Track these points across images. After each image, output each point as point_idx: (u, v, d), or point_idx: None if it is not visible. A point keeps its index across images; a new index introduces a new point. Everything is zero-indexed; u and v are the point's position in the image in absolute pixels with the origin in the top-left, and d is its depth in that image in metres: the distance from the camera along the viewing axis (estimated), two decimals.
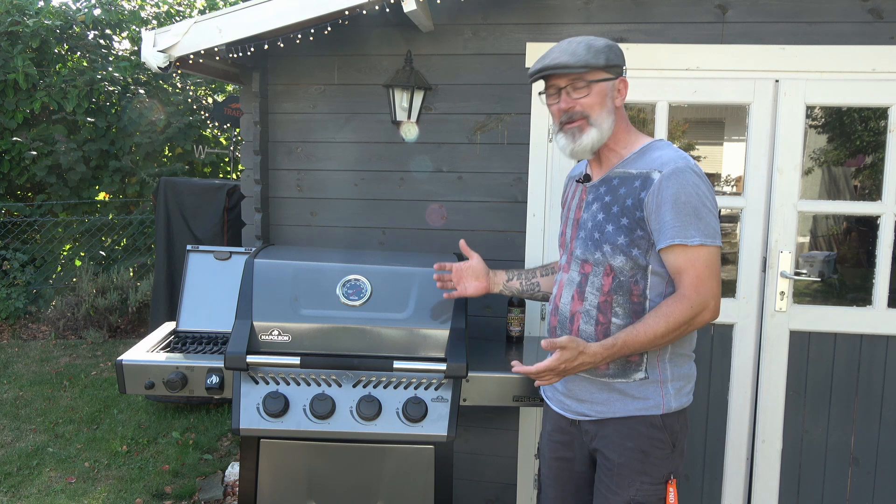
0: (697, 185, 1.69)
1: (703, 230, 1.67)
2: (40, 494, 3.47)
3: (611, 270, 1.77)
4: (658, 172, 1.70)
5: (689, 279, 1.68)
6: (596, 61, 1.72)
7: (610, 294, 1.77)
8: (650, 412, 1.77)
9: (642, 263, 1.74)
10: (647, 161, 1.75)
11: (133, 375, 2.29)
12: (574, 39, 1.77)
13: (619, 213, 1.75)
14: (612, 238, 1.75)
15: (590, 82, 1.74)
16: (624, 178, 1.77)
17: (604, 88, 1.76)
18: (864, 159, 3.13)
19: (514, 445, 3.01)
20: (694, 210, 1.67)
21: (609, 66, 1.75)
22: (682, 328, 1.69)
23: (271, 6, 2.49)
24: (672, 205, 1.67)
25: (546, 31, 2.81)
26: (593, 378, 1.82)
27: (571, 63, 1.72)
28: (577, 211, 1.90)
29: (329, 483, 2.30)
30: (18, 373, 5.41)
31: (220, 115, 7.25)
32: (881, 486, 2.84)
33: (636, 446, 1.78)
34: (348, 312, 2.23)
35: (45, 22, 6.93)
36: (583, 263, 1.83)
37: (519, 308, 2.75)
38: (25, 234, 7.10)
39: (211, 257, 2.74)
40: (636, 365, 1.78)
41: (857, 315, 2.78)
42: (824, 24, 2.67)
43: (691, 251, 1.67)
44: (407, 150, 2.95)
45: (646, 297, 1.76)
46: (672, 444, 1.79)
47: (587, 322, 1.80)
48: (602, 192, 1.82)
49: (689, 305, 1.67)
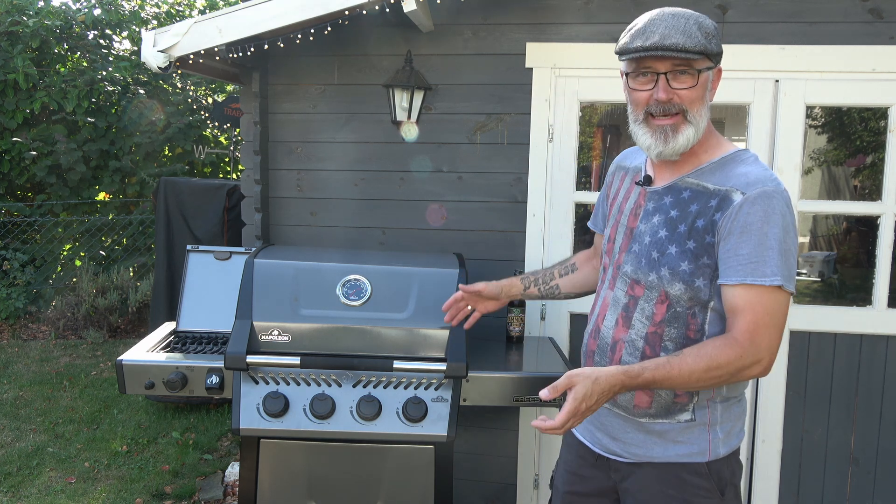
0: (785, 217, 1.41)
1: (782, 270, 1.40)
2: (40, 494, 3.47)
3: (666, 298, 1.51)
4: (741, 194, 1.43)
5: (745, 323, 1.40)
6: (710, 46, 1.43)
7: (662, 325, 1.52)
8: (694, 459, 1.54)
9: (704, 298, 1.49)
10: (728, 176, 1.48)
11: (133, 375, 2.29)
12: (677, 13, 1.44)
13: (686, 235, 1.48)
14: (674, 262, 1.49)
15: (698, 71, 1.45)
16: (697, 193, 1.50)
17: (706, 79, 1.47)
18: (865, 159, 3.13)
19: (514, 445, 3.01)
20: (777, 245, 1.40)
21: (719, 53, 1.48)
22: (723, 377, 1.41)
23: (271, 6, 2.49)
24: (752, 235, 1.40)
25: (546, 31, 2.81)
26: (629, 417, 1.59)
27: (689, 46, 1.40)
28: (631, 218, 1.62)
29: (329, 483, 2.30)
30: (18, 373, 5.41)
31: (220, 115, 7.25)
32: (881, 486, 2.84)
33: (678, 494, 1.54)
34: (348, 312, 2.23)
35: (45, 22, 6.94)
36: (633, 283, 1.57)
37: (519, 308, 2.75)
38: (25, 234, 7.10)
39: (211, 257, 2.74)
40: (683, 406, 1.54)
41: (857, 315, 2.78)
42: (824, 24, 2.67)
43: (759, 292, 1.40)
44: (407, 150, 2.95)
45: (704, 332, 1.51)
46: (721, 492, 1.54)
47: (631, 353, 1.55)
48: (667, 203, 1.54)
49: (739, 354, 1.39)
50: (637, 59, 1.46)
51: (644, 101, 1.49)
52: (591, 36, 2.78)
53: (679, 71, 1.45)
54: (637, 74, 1.49)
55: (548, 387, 1.38)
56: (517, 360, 2.58)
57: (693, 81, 1.45)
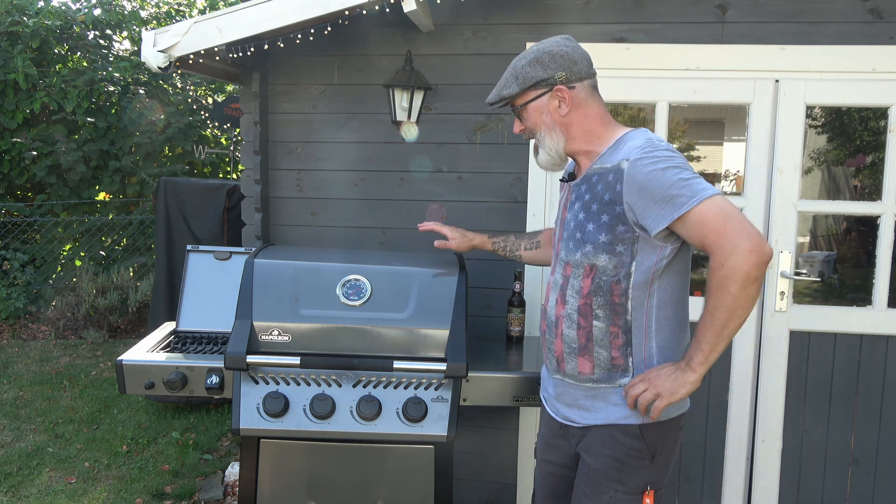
0: (668, 158, 1.59)
1: (690, 190, 1.54)
2: (40, 494, 3.47)
3: (591, 271, 1.70)
4: (626, 161, 1.62)
5: (708, 238, 1.53)
6: (525, 83, 1.73)
7: (589, 297, 1.71)
8: (628, 420, 1.70)
9: (627, 261, 1.65)
10: (619, 153, 1.68)
11: (133, 375, 2.29)
12: (511, 64, 1.77)
13: (599, 211, 1.68)
14: (594, 237, 1.68)
15: (520, 107, 1.77)
16: (600, 175, 1.70)
17: (538, 106, 1.75)
18: (865, 159, 3.13)
19: (514, 445, 3.01)
20: (674, 181, 1.55)
21: (534, 85, 1.73)
22: (729, 286, 1.50)
23: (271, 6, 2.49)
24: (653, 182, 1.57)
25: (546, 31, 2.81)
26: (577, 384, 1.77)
27: (492, 100, 1.80)
28: (563, 211, 1.85)
29: (329, 483, 2.30)
30: (18, 373, 5.41)
31: (220, 115, 7.25)
32: (881, 486, 2.84)
33: (612, 454, 1.72)
34: (348, 312, 2.23)
35: (45, 22, 6.93)
36: (565, 265, 1.77)
37: (519, 308, 2.75)
38: (25, 234, 7.10)
39: (211, 257, 2.74)
40: (620, 369, 1.71)
41: (857, 315, 2.78)
42: (824, 24, 2.67)
43: (692, 215, 1.53)
44: (407, 150, 2.95)
45: (628, 296, 1.67)
46: (651, 454, 1.71)
47: (569, 326, 1.75)
48: (583, 190, 1.76)
49: (720, 262, 1.50)
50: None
51: None
52: (591, 36, 2.78)
53: (514, 111, 1.81)
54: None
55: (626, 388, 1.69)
56: (517, 360, 2.58)
57: (524, 115, 1.79)
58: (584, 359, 1.74)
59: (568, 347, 1.77)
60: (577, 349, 1.74)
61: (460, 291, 2.26)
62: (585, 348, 1.73)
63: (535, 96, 1.75)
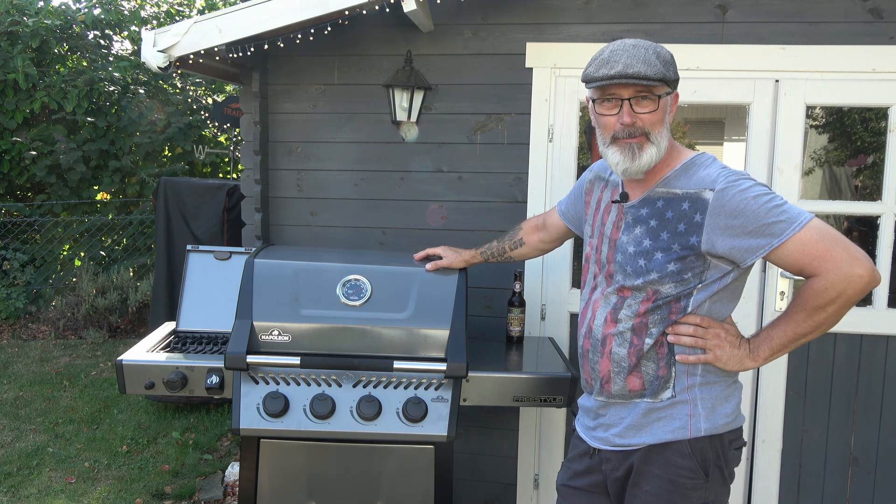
0: (754, 186, 1.53)
1: (787, 217, 1.49)
2: (40, 494, 3.47)
3: (653, 295, 1.64)
4: (710, 191, 1.55)
5: (812, 265, 1.49)
6: (668, 73, 1.57)
7: (646, 315, 1.65)
8: (677, 436, 1.63)
9: (692, 284, 1.61)
10: (693, 180, 1.60)
11: (133, 375, 2.29)
12: (638, 44, 1.58)
13: (670, 240, 1.60)
14: (662, 267, 1.61)
15: (658, 97, 1.59)
16: (669, 200, 1.62)
17: (666, 103, 1.62)
18: (865, 159, 3.13)
19: (514, 445, 3.01)
20: (768, 209, 1.50)
21: (676, 80, 1.62)
22: (829, 307, 1.50)
23: (271, 6, 2.49)
24: (745, 211, 1.51)
25: (546, 31, 2.81)
26: (624, 402, 1.70)
27: (650, 74, 1.54)
28: (613, 230, 1.74)
29: (329, 483, 2.30)
30: (18, 373, 5.41)
31: (220, 115, 7.25)
32: (881, 486, 2.84)
33: (662, 474, 1.64)
34: (348, 312, 2.22)
35: (45, 22, 6.94)
36: (621, 288, 1.69)
37: (519, 308, 2.75)
38: (25, 234, 7.10)
39: (211, 257, 2.74)
40: (665, 381, 1.65)
41: (857, 315, 2.77)
42: (824, 24, 2.67)
43: (791, 244, 1.49)
44: (407, 150, 2.95)
45: (686, 313, 1.64)
46: (704, 472, 1.62)
47: (620, 345, 1.68)
48: (644, 214, 1.66)
49: (824, 285, 1.48)
50: (602, 86, 1.59)
51: (611, 125, 1.63)
52: (590, 36, 2.78)
53: (641, 97, 1.59)
54: (603, 100, 1.62)
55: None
56: (517, 360, 2.58)
57: (654, 106, 1.59)
58: (634, 376, 1.68)
59: (617, 366, 1.69)
60: (628, 368, 1.68)
61: (460, 291, 2.26)
62: (636, 367, 1.67)
63: (668, 92, 1.62)
